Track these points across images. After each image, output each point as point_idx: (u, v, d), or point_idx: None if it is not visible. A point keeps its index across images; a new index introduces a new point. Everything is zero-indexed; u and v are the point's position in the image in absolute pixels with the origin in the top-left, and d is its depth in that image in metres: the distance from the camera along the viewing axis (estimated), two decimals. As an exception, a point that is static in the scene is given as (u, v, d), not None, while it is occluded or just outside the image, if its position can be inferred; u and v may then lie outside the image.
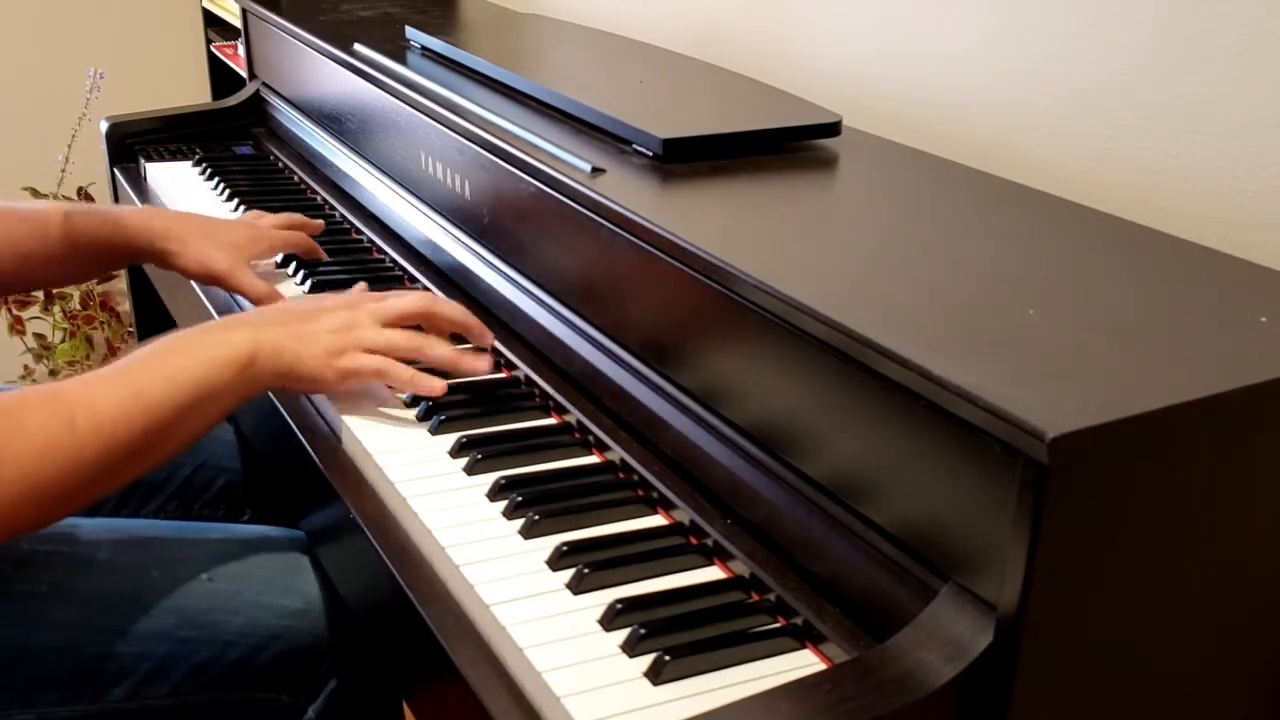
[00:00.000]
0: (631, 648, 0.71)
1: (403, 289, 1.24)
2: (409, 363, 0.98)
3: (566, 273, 1.02)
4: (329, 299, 1.00)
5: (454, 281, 1.20)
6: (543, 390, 1.00)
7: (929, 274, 0.80)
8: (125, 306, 2.60)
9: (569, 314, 1.01)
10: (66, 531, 0.99)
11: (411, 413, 0.98)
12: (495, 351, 1.07)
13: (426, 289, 1.21)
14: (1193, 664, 0.72)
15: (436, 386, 0.97)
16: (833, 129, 1.07)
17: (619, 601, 0.75)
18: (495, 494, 0.87)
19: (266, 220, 1.29)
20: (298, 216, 1.32)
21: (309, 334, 0.94)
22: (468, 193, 1.17)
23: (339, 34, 1.51)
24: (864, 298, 0.75)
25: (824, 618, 0.72)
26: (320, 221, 1.34)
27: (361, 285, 1.10)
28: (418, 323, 1.01)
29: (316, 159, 1.59)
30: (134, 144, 1.74)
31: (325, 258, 1.30)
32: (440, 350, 0.99)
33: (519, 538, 0.83)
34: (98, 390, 0.83)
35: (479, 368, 1.01)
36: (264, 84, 1.81)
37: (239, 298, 1.24)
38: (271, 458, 1.17)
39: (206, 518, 1.23)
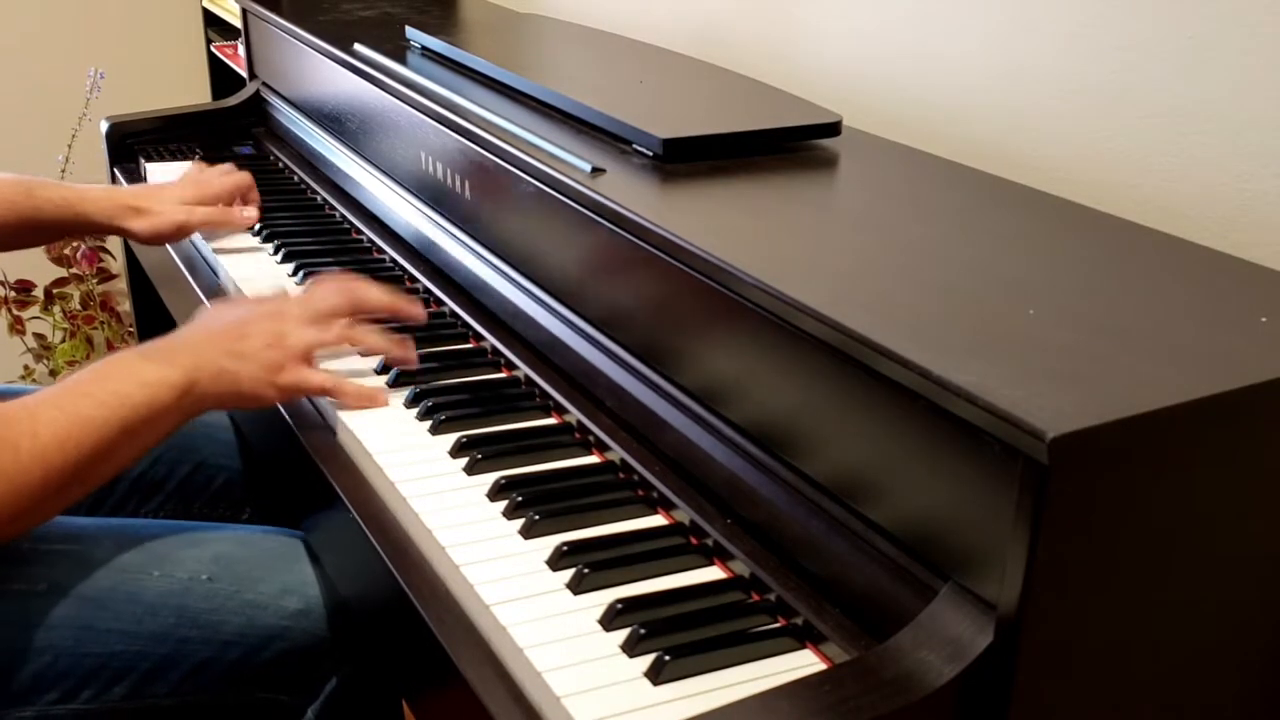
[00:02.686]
0: (631, 648, 0.71)
1: (403, 289, 1.24)
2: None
3: (567, 273, 1.02)
4: (254, 307, 1.01)
5: (454, 281, 1.20)
6: (543, 390, 1.00)
7: (929, 274, 0.80)
8: (125, 306, 2.60)
9: (569, 314, 1.01)
10: (66, 530, 0.99)
11: (412, 412, 0.98)
12: (496, 352, 1.07)
13: (427, 289, 1.21)
14: (1192, 664, 0.72)
15: (379, 399, 0.99)
16: (833, 129, 1.07)
17: (619, 601, 0.75)
18: (495, 494, 0.87)
19: (212, 170, 1.41)
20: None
21: (245, 352, 0.95)
22: (468, 192, 1.17)
23: (339, 34, 1.51)
24: (864, 298, 0.75)
25: (824, 618, 0.72)
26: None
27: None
28: (347, 315, 1.03)
29: (316, 159, 1.59)
30: (134, 144, 1.74)
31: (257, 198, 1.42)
32: (369, 340, 1.02)
33: (519, 538, 0.83)
34: (42, 415, 0.84)
35: (409, 359, 1.04)
36: (264, 84, 1.81)
37: (238, 286, 1.24)
38: (271, 457, 1.17)
39: (206, 517, 1.23)
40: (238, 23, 1.95)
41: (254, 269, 1.30)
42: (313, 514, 1.01)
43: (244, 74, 1.89)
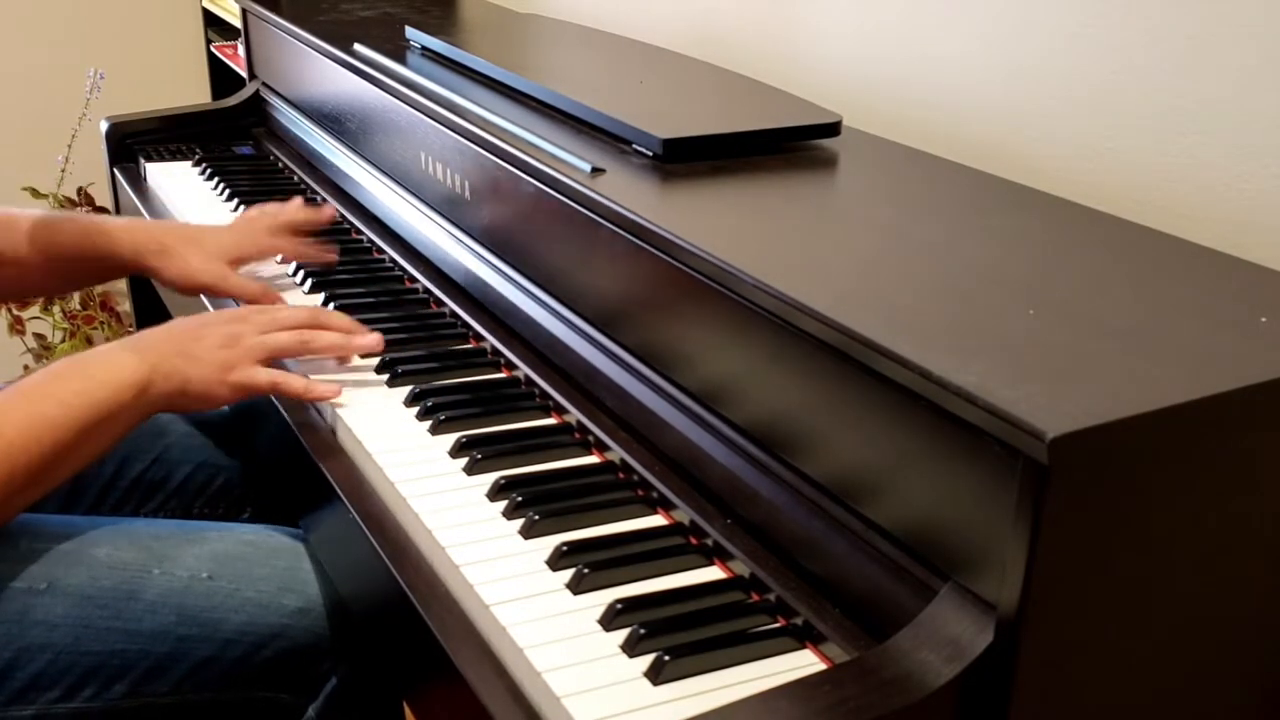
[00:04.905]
0: (631, 648, 0.71)
1: (403, 289, 1.24)
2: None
3: (566, 273, 1.02)
4: (217, 315, 1.03)
5: (454, 281, 1.20)
6: (543, 390, 1.00)
7: (929, 274, 0.80)
8: (125, 306, 2.60)
9: (569, 314, 1.01)
10: (67, 529, 0.99)
11: (412, 412, 0.98)
12: (496, 352, 1.07)
13: (427, 289, 1.21)
14: (1193, 664, 0.72)
15: (329, 392, 1.00)
16: (833, 129, 1.07)
17: (619, 601, 0.75)
18: (495, 494, 0.87)
19: (266, 220, 1.27)
20: (300, 212, 1.29)
21: (197, 353, 0.97)
22: (468, 193, 1.17)
23: (339, 34, 1.51)
24: (864, 298, 0.75)
25: (824, 618, 0.72)
26: (330, 210, 1.34)
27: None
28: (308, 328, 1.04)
29: (316, 159, 1.59)
30: (134, 144, 1.74)
31: (334, 261, 1.27)
32: (326, 339, 1.03)
33: (519, 538, 0.83)
34: (6, 416, 0.86)
35: (370, 343, 1.04)
36: (264, 84, 1.81)
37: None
38: (271, 458, 1.17)
39: (206, 517, 1.23)
40: (238, 23, 1.95)
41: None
42: (312, 514, 1.01)
43: (244, 74, 1.89)
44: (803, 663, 0.72)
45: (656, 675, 0.69)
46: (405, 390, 1.01)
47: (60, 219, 1.21)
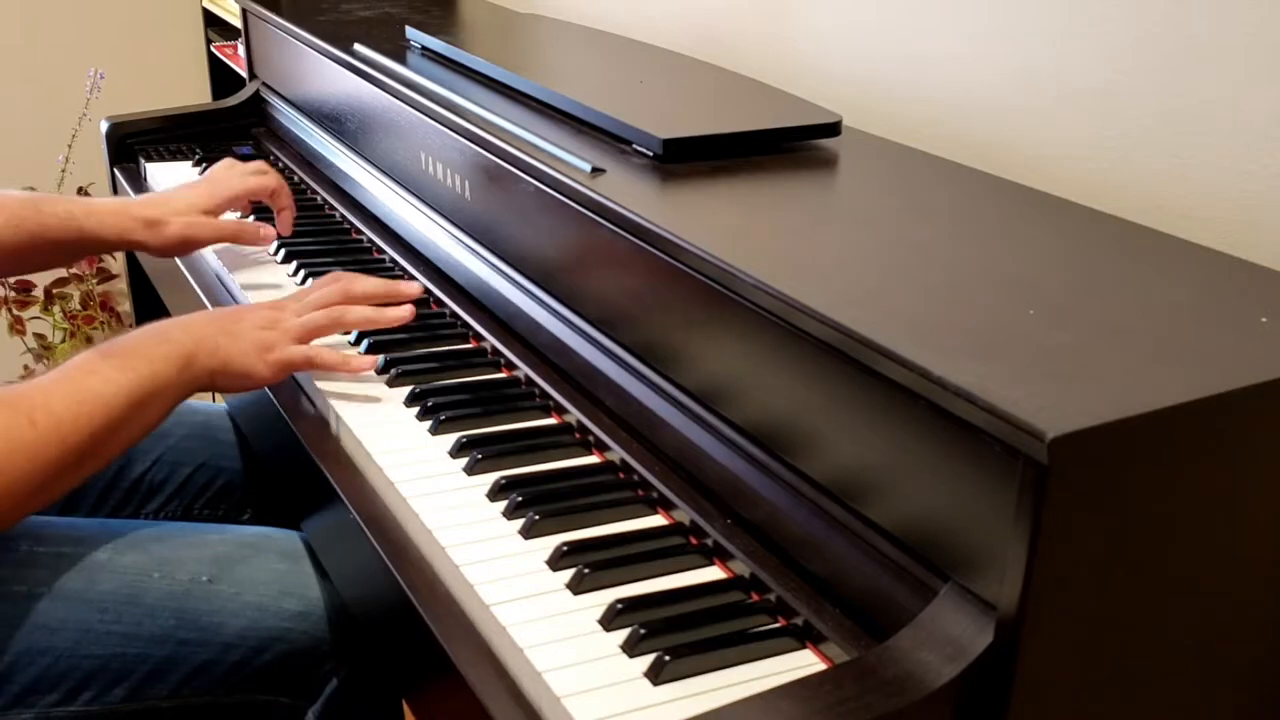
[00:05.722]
0: (631, 648, 0.71)
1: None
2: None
3: (566, 273, 1.02)
4: (256, 304, 1.07)
5: (454, 281, 1.20)
6: (543, 390, 1.00)
7: (929, 274, 0.80)
8: (125, 306, 2.60)
9: (569, 314, 1.01)
10: (67, 532, 0.99)
11: (412, 412, 0.98)
12: (496, 352, 1.07)
13: (428, 289, 1.21)
14: (1193, 664, 0.72)
15: (365, 364, 1.04)
16: (833, 129, 1.07)
17: (619, 601, 0.75)
18: (495, 494, 0.87)
19: (236, 168, 1.33)
20: (259, 164, 1.36)
21: (238, 332, 1.00)
22: (468, 193, 1.17)
23: (339, 34, 1.51)
24: (864, 297, 0.75)
25: (824, 618, 0.73)
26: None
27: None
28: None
29: (316, 159, 1.59)
30: (134, 144, 1.74)
31: (288, 206, 1.34)
32: (356, 315, 1.06)
33: (519, 538, 0.83)
34: (53, 391, 0.87)
35: (400, 315, 1.08)
36: (264, 84, 1.81)
37: (239, 292, 1.24)
38: (272, 458, 1.17)
39: (207, 518, 1.23)
40: (238, 23, 1.95)
41: (258, 276, 1.30)
42: (313, 515, 1.01)
43: (244, 74, 1.89)
44: (803, 663, 0.72)
45: (657, 675, 0.69)
46: (405, 390, 1.01)
47: (45, 200, 1.22)
